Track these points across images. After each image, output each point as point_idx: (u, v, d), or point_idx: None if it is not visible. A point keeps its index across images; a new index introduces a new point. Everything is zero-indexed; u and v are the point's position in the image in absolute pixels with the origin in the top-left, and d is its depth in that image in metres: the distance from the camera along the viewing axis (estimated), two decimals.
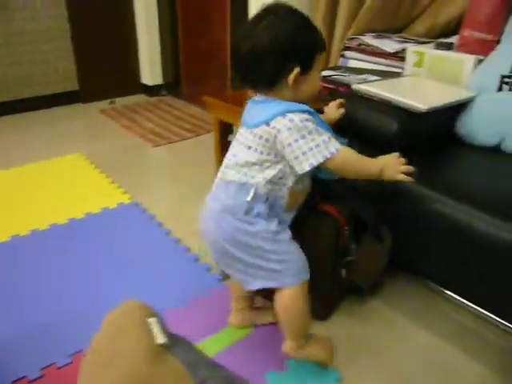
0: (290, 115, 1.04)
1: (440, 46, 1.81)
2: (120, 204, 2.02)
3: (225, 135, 1.84)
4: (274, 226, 1.10)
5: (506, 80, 1.43)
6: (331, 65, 2.20)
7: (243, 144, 1.10)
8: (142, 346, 0.57)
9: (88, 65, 3.37)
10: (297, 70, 1.05)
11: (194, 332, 1.31)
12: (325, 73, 1.87)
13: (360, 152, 1.09)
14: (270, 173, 1.08)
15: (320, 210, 1.25)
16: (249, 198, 1.08)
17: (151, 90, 3.65)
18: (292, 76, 1.05)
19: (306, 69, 1.07)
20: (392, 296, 1.49)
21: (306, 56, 1.07)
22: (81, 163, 2.43)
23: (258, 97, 1.13)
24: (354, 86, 1.49)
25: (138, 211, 1.96)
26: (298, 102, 1.08)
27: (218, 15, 2.90)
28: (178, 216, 1.95)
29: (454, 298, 1.48)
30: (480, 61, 1.55)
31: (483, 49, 1.55)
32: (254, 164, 1.08)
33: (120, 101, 3.52)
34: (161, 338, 0.58)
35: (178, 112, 3.25)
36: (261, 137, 1.07)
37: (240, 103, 1.73)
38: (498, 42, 1.52)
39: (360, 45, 2.02)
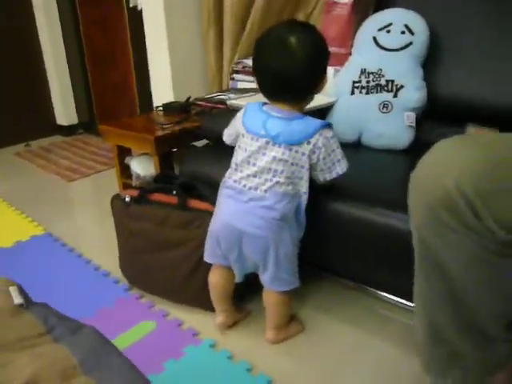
0: (325, 132, 1.17)
1: None
2: (33, 236, 2.09)
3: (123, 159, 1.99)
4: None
5: (357, 85, 1.67)
6: (224, 87, 2.41)
7: (282, 160, 1.16)
8: (3, 305, 0.71)
9: None
10: (325, 77, 1.19)
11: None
12: (213, 94, 2.06)
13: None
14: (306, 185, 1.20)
15: (195, 208, 1.41)
16: (296, 207, 1.20)
17: (68, 130, 3.73)
18: (322, 84, 1.19)
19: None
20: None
21: (327, 63, 1.21)
22: None
23: (277, 111, 1.18)
24: (228, 102, 1.68)
25: (51, 240, 2.04)
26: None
27: (121, 55, 3.07)
28: (88, 240, 2.05)
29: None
30: (337, 71, 1.80)
31: (339, 61, 1.79)
32: (301, 179, 1.19)
33: (36, 143, 3.56)
34: (17, 300, 0.72)
35: (93, 148, 3.35)
36: (303, 153, 1.16)
37: (133, 128, 1.89)
38: (350, 54, 1.78)
39: (244, 67, 2.23)
